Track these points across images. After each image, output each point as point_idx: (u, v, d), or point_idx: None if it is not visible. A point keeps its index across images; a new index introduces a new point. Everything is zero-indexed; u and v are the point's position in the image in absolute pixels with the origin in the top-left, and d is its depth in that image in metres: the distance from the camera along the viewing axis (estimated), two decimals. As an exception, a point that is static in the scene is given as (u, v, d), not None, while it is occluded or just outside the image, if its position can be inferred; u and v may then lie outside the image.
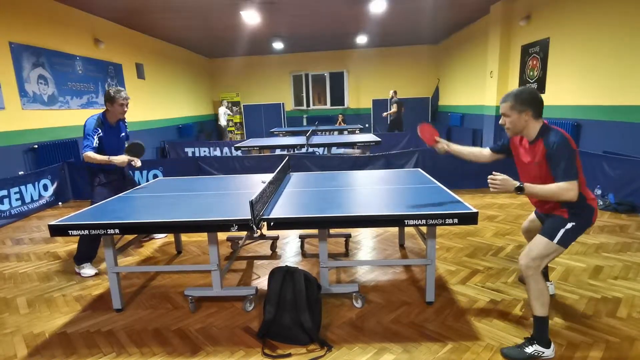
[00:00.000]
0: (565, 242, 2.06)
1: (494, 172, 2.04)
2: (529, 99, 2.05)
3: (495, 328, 2.40)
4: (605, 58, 5.62)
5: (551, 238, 2.06)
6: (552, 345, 2.08)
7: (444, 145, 2.64)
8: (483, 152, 2.54)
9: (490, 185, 2.04)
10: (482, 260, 3.46)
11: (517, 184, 2.01)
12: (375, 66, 14.06)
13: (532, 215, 2.52)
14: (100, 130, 3.33)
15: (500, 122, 2.21)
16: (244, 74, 14.58)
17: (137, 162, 3.70)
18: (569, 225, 2.05)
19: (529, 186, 2.02)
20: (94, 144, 3.28)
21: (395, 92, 11.16)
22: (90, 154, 3.25)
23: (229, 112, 13.31)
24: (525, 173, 2.21)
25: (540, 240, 2.09)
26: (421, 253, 3.66)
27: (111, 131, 3.45)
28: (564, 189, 1.94)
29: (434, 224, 2.34)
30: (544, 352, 2.05)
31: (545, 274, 2.76)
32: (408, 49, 13.72)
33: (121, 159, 3.37)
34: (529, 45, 7.50)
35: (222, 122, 12.74)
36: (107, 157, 3.31)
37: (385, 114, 11.89)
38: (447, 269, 3.28)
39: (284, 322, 2.32)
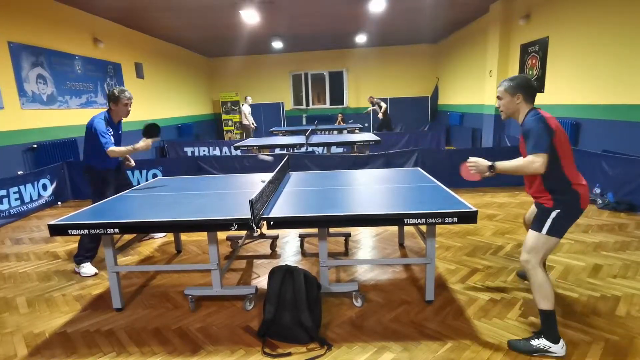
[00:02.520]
0: (556, 232, 2.07)
1: (470, 158, 2.22)
2: (521, 83, 2.17)
3: (494, 327, 2.41)
4: (604, 57, 5.62)
5: (539, 230, 2.10)
6: (562, 342, 2.08)
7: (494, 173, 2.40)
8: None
9: (468, 167, 2.23)
10: (481, 259, 3.46)
11: (489, 163, 2.15)
12: (375, 65, 14.05)
13: (533, 207, 2.54)
14: (110, 129, 3.37)
15: (496, 104, 2.33)
16: (243, 73, 14.56)
17: (131, 162, 3.73)
18: (554, 214, 2.07)
19: (498, 162, 2.15)
20: (112, 141, 3.33)
21: (372, 97, 11.66)
22: (115, 148, 3.29)
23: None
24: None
25: (530, 234, 2.15)
26: (421, 252, 3.66)
27: (114, 129, 3.48)
28: (529, 161, 2.01)
29: (434, 222, 2.34)
30: (550, 347, 2.06)
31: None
32: (407, 48, 13.71)
33: (144, 143, 3.37)
34: (528, 44, 7.50)
35: (249, 120, 11.90)
36: (130, 146, 3.34)
37: (380, 115, 11.79)
38: (447, 268, 3.29)
39: (284, 321, 2.32)
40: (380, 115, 11.49)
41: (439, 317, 2.54)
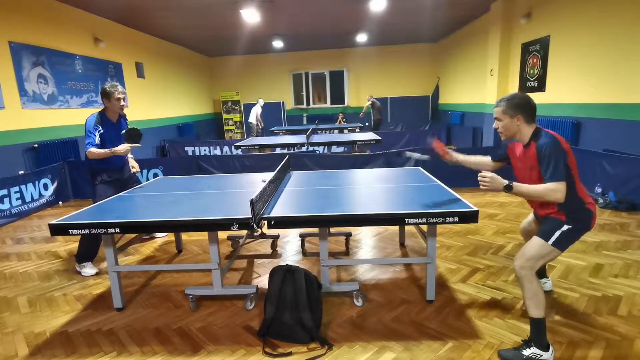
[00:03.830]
0: (560, 245, 2.05)
1: (483, 171, 2.09)
2: (520, 104, 2.09)
3: (495, 326, 2.41)
4: (605, 56, 5.61)
5: (546, 239, 2.05)
6: (551, 349, 2.06)
7: (452, 156, 2.66)
8: (485, 161, 2.57)
9: (480, 182, 2.09)
10: (482, 258, 3.46)
11: (506, 182, 2.03)
12: (375, 65, 14.05)
13: (531, 216, 2.52)
14: (100, 127, 3.30)
15: (493, 126, 2.25)
16: (244, 72, 14.57)
17: (137, 168, 3.73)
18: (565, 228, 2.05)
19: (517, 185, 2.05)
20: (96, 141, 3.26)
21: (371, 96, 11.64)
22: (93, 150, 3.23)
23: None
24: (522, 178, 2.22)
25: (536, 242, 2.09)
26: (422, 251, 3.66)
27: (112, 128, 3.42)
28: (551, 190, 1.95)
29: (435, 222, 2.33)
30: (541, 355, 2.02)
31: (542, 271, 2.77)
32: (408, 47, 13.70)
33: (123, 147, 3.30)
34: (529, 43, 7.49)
35: (256, 120, 11.97)
36: (109, 149, 3.26)
37: (362, 113, 11.78)
38: (448, 268, 3.29)
39: (285, 321, 2.32)
40: (362, 114, 11.51)
41: (439, 317, 2.54)
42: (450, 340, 2.29)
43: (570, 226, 2.04)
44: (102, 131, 3.31)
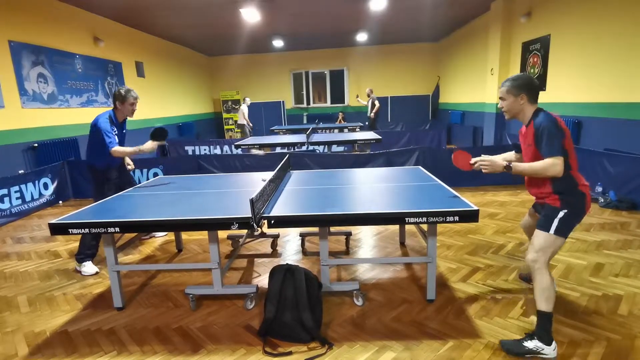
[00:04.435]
0: (562, 232, 2.08)
1: (482, 155, 2.19)
2: (524, 83, 2.16)
3: (496, 326, 2.40)
4: (606, 55, 5.60)
5: (547, 230, 2.10)
6: (554, 344, 2.06)
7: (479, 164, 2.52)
8: (511, 156, 2.53)
9: (480, 166, 2.20)
10: (482, 257, 3.45)
11: (505, 163, 2.14)
12: (376, 64, 14.03)
13: (530, 211, 2.56)
14: (115, 128, 3.39)
15: (498, 105, 2.31)
16: (244, 72, 14.56)
17: (132, 165, 3.83)
18: (561, 214, 2.08)
19: (516, 164, 2.14)
20: (116, 139, 3.35)
21: (371, 90, 11.09)
22: (119, 148, 3.32)
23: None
24: (525, 158, 2.27)
25: (538, 234, 2.13)
26: (422, 251, 3.66)
27: (118, 128, 3.49)
28: (549, 164, 2.01)
29: (435, 221, 2.33)
30: (543, 349, 2.05)
31: None
32: (408, 47, 13.69)
33: (149, 145, 3.39)
34: (529, 42, 7.48)
35: (246, 120, 11.69)
36: (137, 147, 3.35)
37: (372, 114, 11.44)
38: (448, 267, 3.28)
39: (285, 320, 2.32)
40: (372, 115, 11.23)
41: (440, 316, 2.53)
42: (450, 339, 2.29)
43: (566, 211, 2.08)
44: (116, 132, 3.39)
